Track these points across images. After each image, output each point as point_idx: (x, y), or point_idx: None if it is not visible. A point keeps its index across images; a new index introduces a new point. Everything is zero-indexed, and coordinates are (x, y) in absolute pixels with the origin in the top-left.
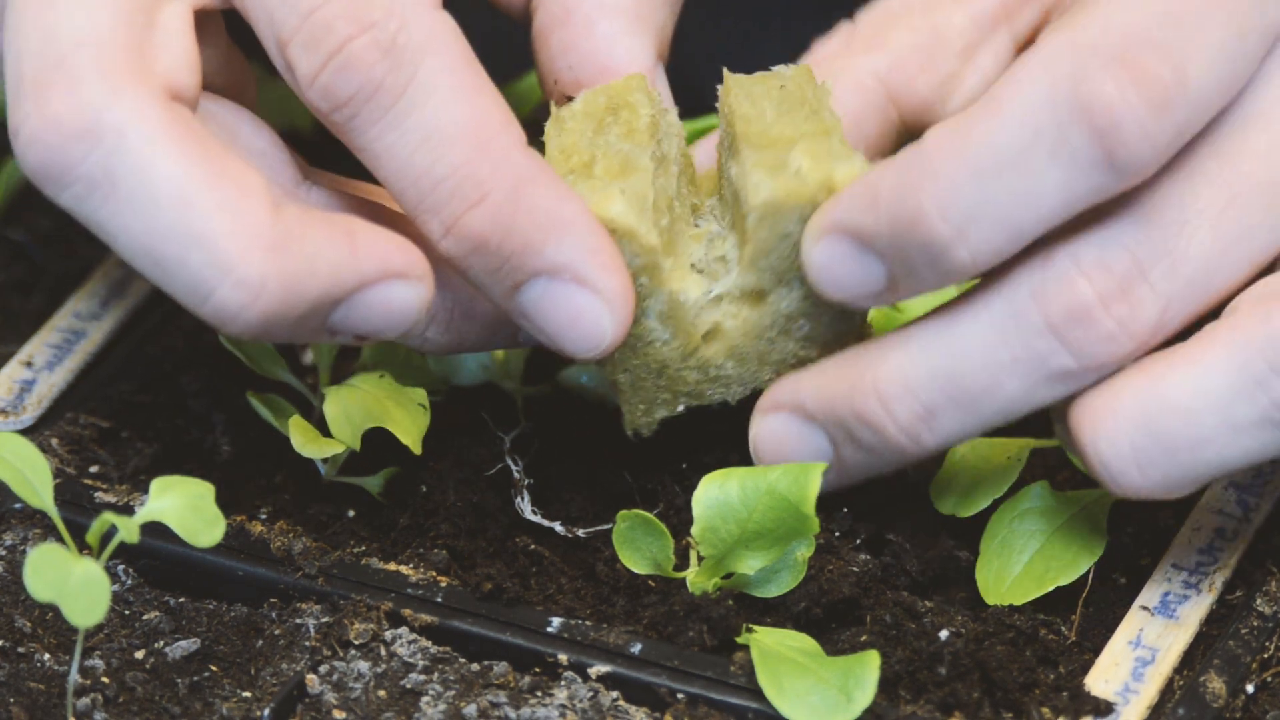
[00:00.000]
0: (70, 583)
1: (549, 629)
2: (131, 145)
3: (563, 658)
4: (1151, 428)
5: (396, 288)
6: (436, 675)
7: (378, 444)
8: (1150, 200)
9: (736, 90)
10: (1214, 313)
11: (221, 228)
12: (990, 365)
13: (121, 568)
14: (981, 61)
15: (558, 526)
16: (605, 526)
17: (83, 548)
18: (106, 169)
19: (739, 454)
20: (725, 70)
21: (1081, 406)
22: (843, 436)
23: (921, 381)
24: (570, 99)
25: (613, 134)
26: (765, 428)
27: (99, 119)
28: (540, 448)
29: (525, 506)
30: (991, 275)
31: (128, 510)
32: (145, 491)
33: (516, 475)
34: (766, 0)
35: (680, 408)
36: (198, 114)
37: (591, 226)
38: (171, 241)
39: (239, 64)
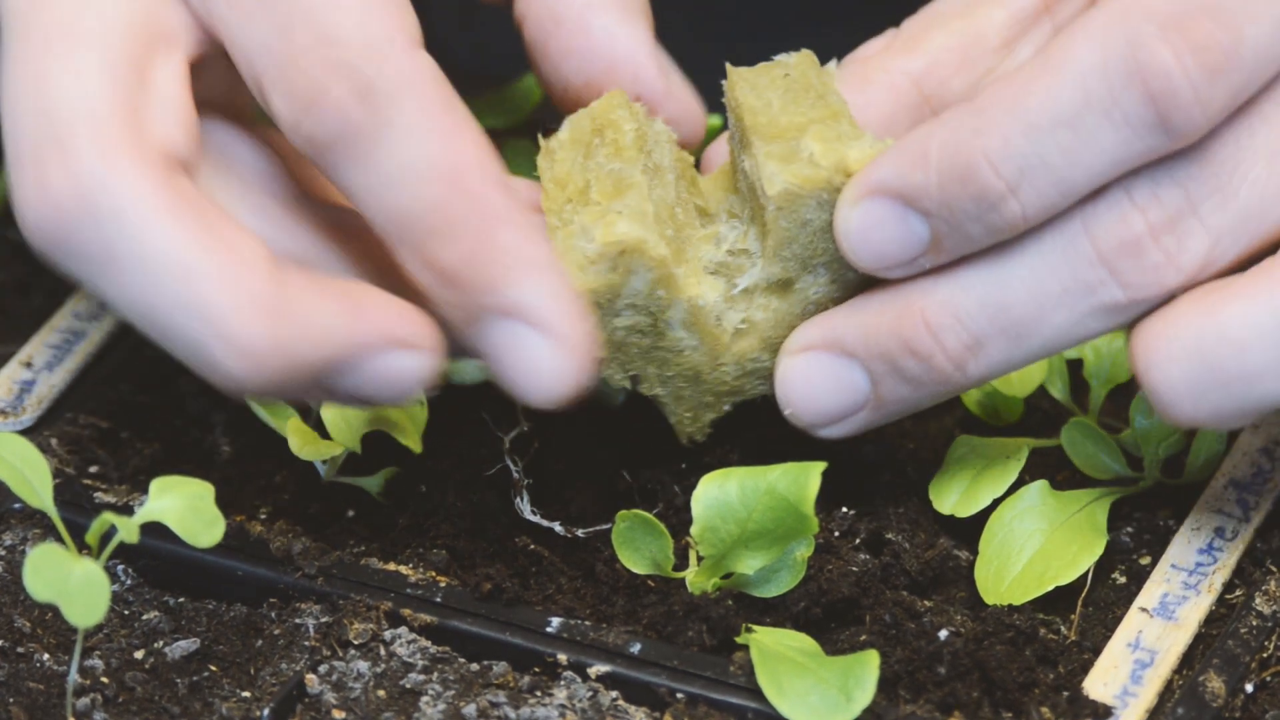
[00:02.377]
0: (70, 583)
1: (548, 629)
2: (129, 220)
3: (562, 658)
4: (1204, 359)
5: (399, 357)
6: (436, 675)
7: (377, 443)
8: (1205, 139)
9: (740, 83)
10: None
11: (221, 298)
12: (1039, 296)
13: (121, 568)
14: (1021, 53)
15: (557, 527)
16: (605, 526)
17: (82, 548)
18: (105, 244)
19: (739, 454)
20: (728, 65)
21: (1139, 332)
22: (885, 370)
23: (971, 311)
24: (555, 130)
25: (601, 155)
26: (796, 368)
27: (95, 195)
28: (540, 448)
29: (525, 507)
30: None
31: (128, 510)
32: (145, 491)
33: (516, 475)
34: (764, 9)
35: (726, 407)
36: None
37: (556, 273)
38: (173, 313)
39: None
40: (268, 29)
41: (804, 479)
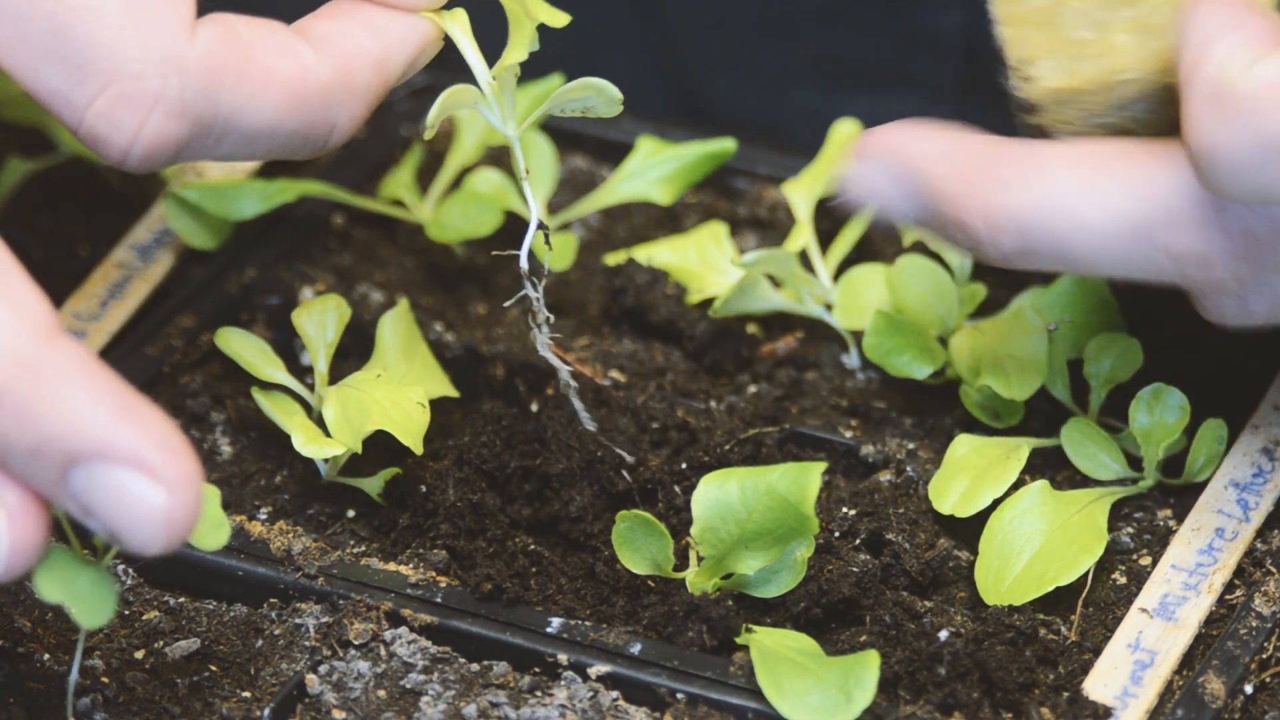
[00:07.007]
0: (80, 584)
1: (549, 629)
2: None
3: (562, 658)
4: None
5: (138, 481)
6: (436, 675)
7: (378, 443)
8: None
9: None
10: None
11: None
12: None
13: (121, 568)
14: None
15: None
16: (605, 526)
17: (85, 548)
18: None
19: (739, 453)
20: None
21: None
22: None
23: None
24: None
25: None
26: None
27: None
28: (540, 447)
29: (541, 340)
30: None
31: None
32: None
33: (535, 302)
34: (770, 9)
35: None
36: None
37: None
38: None
39: None
40: None
41: (804, 479)
